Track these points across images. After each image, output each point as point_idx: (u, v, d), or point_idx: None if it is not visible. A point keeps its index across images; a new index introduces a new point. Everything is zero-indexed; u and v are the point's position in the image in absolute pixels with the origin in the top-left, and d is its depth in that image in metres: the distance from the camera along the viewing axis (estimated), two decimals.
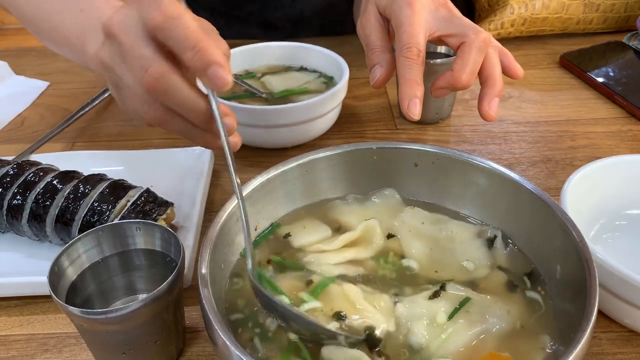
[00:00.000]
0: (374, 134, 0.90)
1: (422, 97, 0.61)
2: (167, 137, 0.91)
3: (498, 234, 0.59)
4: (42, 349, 0.59)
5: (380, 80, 0.66)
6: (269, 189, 0.60)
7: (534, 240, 0.57)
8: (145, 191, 0.66)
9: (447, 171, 0.62)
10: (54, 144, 0.88)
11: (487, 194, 0.61)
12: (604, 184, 0.66)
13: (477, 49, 0.62)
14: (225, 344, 0.43)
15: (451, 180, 0.62)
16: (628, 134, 0.88)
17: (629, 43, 1.08)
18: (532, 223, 0.57)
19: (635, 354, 0.56)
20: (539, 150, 0.85)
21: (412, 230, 0.60)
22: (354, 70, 0.89)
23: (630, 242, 0.66)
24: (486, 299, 0.53)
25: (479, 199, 0.61)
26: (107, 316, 0.48)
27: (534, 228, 0.57)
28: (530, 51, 1.12)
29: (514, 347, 0.50)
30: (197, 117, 0.53)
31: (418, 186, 0.64)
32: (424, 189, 0.64)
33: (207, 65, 0.48)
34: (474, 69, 0.62)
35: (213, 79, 0.49)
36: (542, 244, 0.56)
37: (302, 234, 0.60)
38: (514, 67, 0.67)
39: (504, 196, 0.59)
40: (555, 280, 0.54)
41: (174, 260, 0.55)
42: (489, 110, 0.63)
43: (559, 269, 0.54)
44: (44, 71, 1.11)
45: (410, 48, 0.62)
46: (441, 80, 0.64)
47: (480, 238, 0.59)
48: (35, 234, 0.67)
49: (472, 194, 0.62)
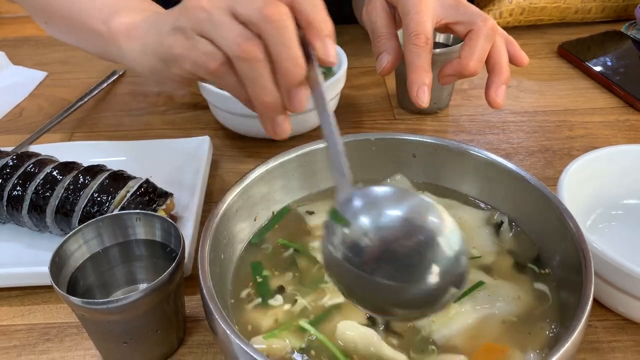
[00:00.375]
0: (373, 124, 0.90)
1: (430, 84, 0.61)
2: (167, 127, 0.91)
3: (504, 219, 0.59)
4: (44, 339, 0.59)
5: (388, 68, 0.66)
6: (268, 179, 0.60)
7: (533, 229, 0.58)
8: (144, 182, 0.66)
9: (445, 162, 0.63)
10: (53, 135, 0.88)
11: (485, 184, 0.61)
12: (601, 173, 0.67)
13: (485, 37, 0.62)
14: (225, 333, 0.43)
15: (449, 171, 0.63)
16: (625, 124, 0.88)
17: (627, 32, 1.08)
18: (530, 213, 0.58)
19: (630, 341, 0.57)
20: (537, 140, 0.85)
21: None
22: (352, 59, 0.89)
23: (627, 231, 0.66)
24: (497, 283, 0.54)
25: (477, 190, 0.62)
26: (108, 306, 0.49)
27: (532, 218, 0.57)
28: (529, 41, 1.12)
29: (518, 332, 0.50)
30: (292, 68, 0.48)
31: (417, 177, 0.64)
32: (423, 179, 0.64)
33: (322, 35, 0.49)
34: (481, 57, 0.62)
35: (322, 48, 0.49)
36: (540, 233, 0.57)
37: (320, 215, 0.60)
38: (519, 55, 0.68)
39: (502, 186, 0.60)
40: (554, 268, 0.54)
41: (174, 251, 0.55)
42: (496, 97, 0.63)
43: (557, 258, 0.54)
44: (42, 61, 1.11)
45: (419, 35, 0.62)
46: (449, 67, 0.64)
47: (489, 224, 0.60)
48: (36, 224, 0.67)
49: (470, 184, 0.62)
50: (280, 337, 0.49)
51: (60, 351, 0.58)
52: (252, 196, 0.59)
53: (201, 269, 0.48)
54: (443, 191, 0.64)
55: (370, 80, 1.01)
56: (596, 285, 0.47)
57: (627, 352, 0.56)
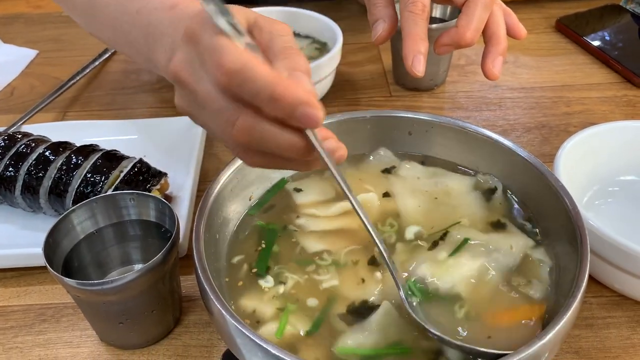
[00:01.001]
0: (369, 101, 0.89)
1: (426, 53, 0.60)
2: (160, 106, 0.90)
3: (499, 186, 0.59)
4: (40, 319, 0.59)
5: (383, 37, 0.65)
6: None
7: (529, 206, 0.58)
8: (138, 161, 0.66)
9: (441, 139, 0.62)
10: (45, 114, 0.87)
11: (482, 162, 0.61)
12: (598, 150, 0.67)
13: (482, 6, 0.61)
14: (220, 312, 0.43)
15: (445, 148, 0.62)
16: (623, 100, 0.87)
17: (626, 6, 1.07)
18: (527, 191, 0.57)
19: (625, 317, 0.57)
20: (534, 117, 0.85)
21: (407, 186, 0.60)
22: (347, 35, 0.88)
23: (623, 208, 0.66)
24: (487, 237, 0.54)
25: (473, 167, 0.61)
26: (103, 287, 0.49)
27: (529, 195, 0.57)
28: (526, 15, 1.10)
29: (519, 276, 0.51)
30: (297, 153, 0.45)
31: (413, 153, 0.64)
32: (419, 157, 0.64)
33: (292, 111, 0.41)
34: (478, 26, 0.61)
35: (303, 121, 0.42)
36: (537, 210, 0.57)
37: (308, 192, 0.60)
38: (517, 28, 0.67)
39: (499, 163, 0.59)
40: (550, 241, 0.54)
41: (169, 231, 0.55)
42: (493, 68, 0.62)
43: (553, 235, 0.54)
44: (32, 39, 1.09)
45: (415, 3, 0.61)
46: (445, 37, 0.63)
47: (477, 190, 0.60)
48: (29, 205, 0.66)
49: (465, 161, 0.62)
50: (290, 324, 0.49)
51: (56, 332, 0.58)
52: (247, 175, 0.58)
53: (196, 249, 0.48)
54: (433, 161, 0.63)
55: (366, 56, 1.00)
56: (592, 262, 0.47)
57: (621, 327, 0.56)
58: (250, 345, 0.42)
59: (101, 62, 0.99)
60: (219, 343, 0.56)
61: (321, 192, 0.61)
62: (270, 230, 0.57)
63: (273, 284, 0.52)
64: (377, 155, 0.64)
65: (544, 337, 0.41)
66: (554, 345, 0.43)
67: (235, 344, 0.43)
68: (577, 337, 0.56)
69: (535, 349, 0.41)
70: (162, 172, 0.67)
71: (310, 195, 0.60)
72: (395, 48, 0.89)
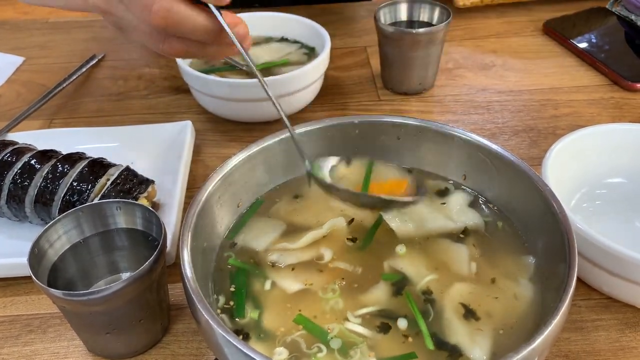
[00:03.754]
0: (357, 106, 0.89)
1: None
2: (148, 112, 0.89)
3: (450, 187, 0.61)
4: (27, 330, 0.59)
5: None
6: (250, 165, 0.59)
7: (517, 209, 0.58)
8: (125, 169, 0.65)
9: (429, 145, 0.62)
10: (32, 122, 0.86)
11: (469, 167, 0.61)
12: (585, 153, 0.67)
13: None
14: (208, 322, 0.43)
15: (433, 153, 0.62)
16: (610, 102, 0.88)
17: (612, 9, 1.07)
18: (515, 194, 0.57)
19: (614, 320, 0.57)
20: (522, 120, 0.85)
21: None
22: (335, 40, 0.88)
23: (610, 210, 0.66)
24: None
25: (461, 172, 0.61)
26: (90, 297, 0.48)
27: (517, 199, 0.57)
28: (514, 18, 1.11)
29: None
30: (209, 36, 0.55)
31: (400, 158, 0.64)
32: (406, 163, 0.64)
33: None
34: None
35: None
36: (524, 214, 0.57)
37: (258, 237, 0.57)
38: None
39: (487, 168, 0.59)
40: (538, 251, 0.54)
41: (156, 239, 0.54)
42: None
43: (541, 239, 0.54)
44: (18, 46, 1.08)
45: None
46: None
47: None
48: (15, 214, 0.66)
49: (453, 166, 0.62)
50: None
51: (43, 342, 0.57)
52: (234, 182, 0.58)
53: (182, 259, 0.47)
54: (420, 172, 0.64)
55: (354, 60, 1.00)
56: (580, 265, 0.47)
57: (610, 330, 0.56)
58: (238, 355, 0.41)
59: (88, 69, 0.99)
60: (207, 352, 0.56)
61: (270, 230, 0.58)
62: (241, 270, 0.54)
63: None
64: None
65: (533, 341, 0.41)
66: (544, 349, 0.43)
67: (223, 354, 0.43)
68: (567, 340, 0.56)
69: (525, 354, 0.41)
70: (149, 179, 0.66)
71: (267, 237, 0.57)
72: (383, 52, 0.89)
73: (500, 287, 0.52)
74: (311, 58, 0.88)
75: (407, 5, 0.90)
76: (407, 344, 0.48)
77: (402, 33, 0.84)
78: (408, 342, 0.48)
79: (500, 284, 0.52)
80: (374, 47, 0.93)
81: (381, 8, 0.88)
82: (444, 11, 0.88)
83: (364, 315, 0.50)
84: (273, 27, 0.94)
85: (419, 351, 0.47)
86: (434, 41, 0.85)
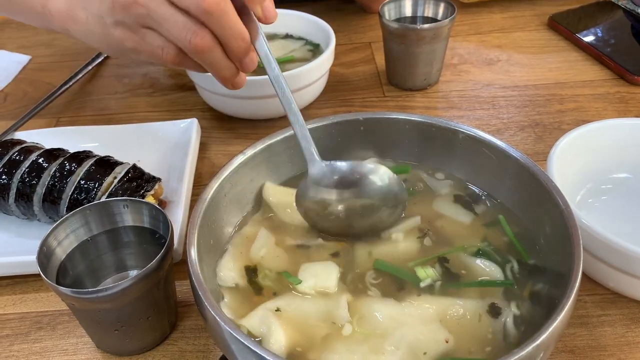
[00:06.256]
0: (362, 102, 0.89)
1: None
2: (154, 110, 0.90)
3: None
4: (36, 327, 0.59)
5: None
6: (256, 162, 0.59)
7: (523, 205, 0.58)
8: (132, 167, 0.66)
9: (434, 141, 0.62)
10: (39, 120, 0.87)
11: (475, 163, 0.61)
12: (591, 148, 0.67)
13: None
14: (215, 319, 0.43)
15: (438, 149, 0.62)
16: (616, 96, 0.88)
17: (618, 3, 1.07)
18: (520, 189, 0.57)
19: (620, 315, 0.57)
20: (527, 115, 0.85)
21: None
22: (340, 36, 0.88)
23: (616, 206, 0.66)
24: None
25: (465, 168, 0.61)
26: (98, 295, 0.49)
27: (522, 194, 0.57)
28: (519, 12, 1.10)
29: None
30: (240, 45, 0.55)
31: (406, 155, 0.64)
32: (413, 157, 0.64)
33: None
34: None
35: (266, 10, 0.55)
36: (529, 209, 0.57)
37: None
38: None
39: (492, 163, 0.59)
40: (541, 244, 0.54)
41: (163, 237, 0.55)
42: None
43: (547, 234, 0.54)
44: (25, 44, 1.09)
45: None
46: None
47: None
48: (23, 212, 0.66)
49: (458, 162, 0.62)
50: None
51: (52, 339, 0.58)
52: (241, 180, 0.58)
53: (189, 256, 0.48)
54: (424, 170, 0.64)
55: (359, 56, 1.00)
56: (585, 261, 0.47)
57: (615, 325, 0.57)
58: (245, 352, 0.42)
59: (94, 67, 0.99)
60: (215, 348, 0.56)
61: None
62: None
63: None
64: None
65: (538, 337, 0.42)
66: (549, 345, 0.43)
67: (230, 351, 0.43)
68: (572, 335, 0.56)
69: (530, 349, 0.41)
70: (155, 177, 0.67)
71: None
72: (388, 48, 0.89)
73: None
74: (316, 55, 0.88)
75: (412, 1, 0.90)
76: None
77: (406, 29, 0.84)
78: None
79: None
80: (379, 43, 0.93)
81: (386, 4, 0.88)
82: (449, 6, 0.88)
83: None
84: (277, 24, 0.93)
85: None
86: (438, 37, 0.85)
